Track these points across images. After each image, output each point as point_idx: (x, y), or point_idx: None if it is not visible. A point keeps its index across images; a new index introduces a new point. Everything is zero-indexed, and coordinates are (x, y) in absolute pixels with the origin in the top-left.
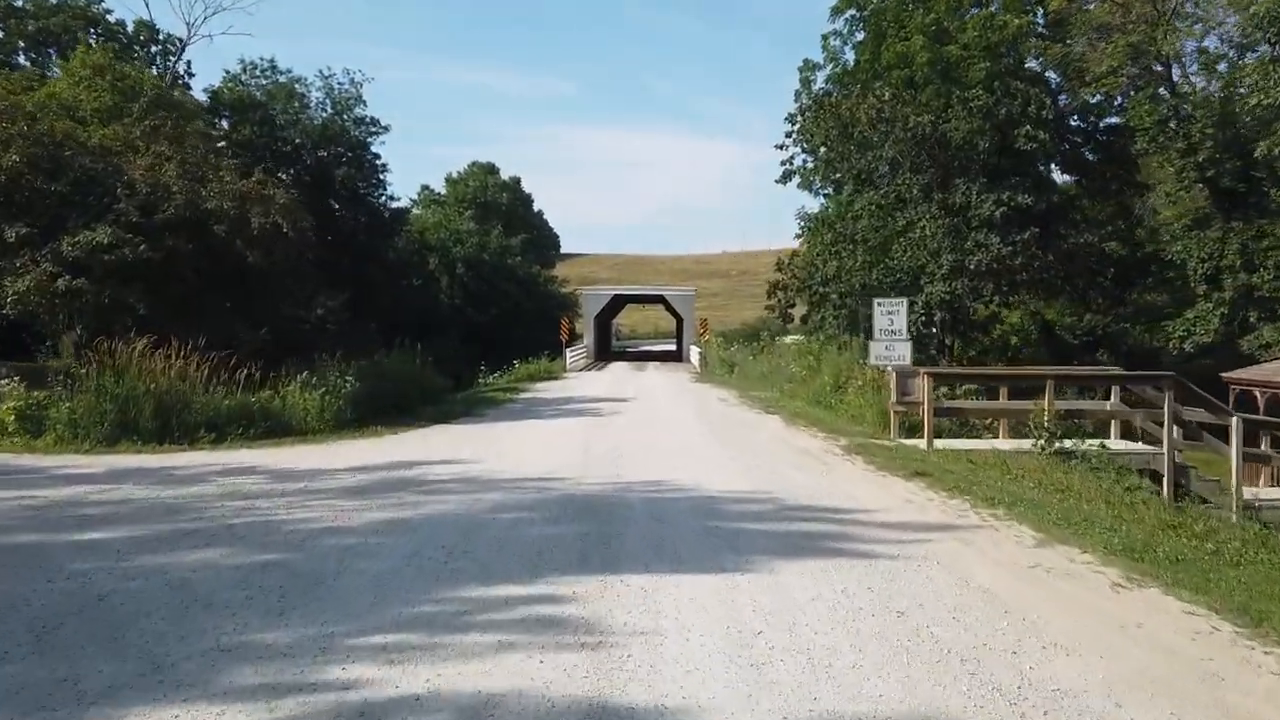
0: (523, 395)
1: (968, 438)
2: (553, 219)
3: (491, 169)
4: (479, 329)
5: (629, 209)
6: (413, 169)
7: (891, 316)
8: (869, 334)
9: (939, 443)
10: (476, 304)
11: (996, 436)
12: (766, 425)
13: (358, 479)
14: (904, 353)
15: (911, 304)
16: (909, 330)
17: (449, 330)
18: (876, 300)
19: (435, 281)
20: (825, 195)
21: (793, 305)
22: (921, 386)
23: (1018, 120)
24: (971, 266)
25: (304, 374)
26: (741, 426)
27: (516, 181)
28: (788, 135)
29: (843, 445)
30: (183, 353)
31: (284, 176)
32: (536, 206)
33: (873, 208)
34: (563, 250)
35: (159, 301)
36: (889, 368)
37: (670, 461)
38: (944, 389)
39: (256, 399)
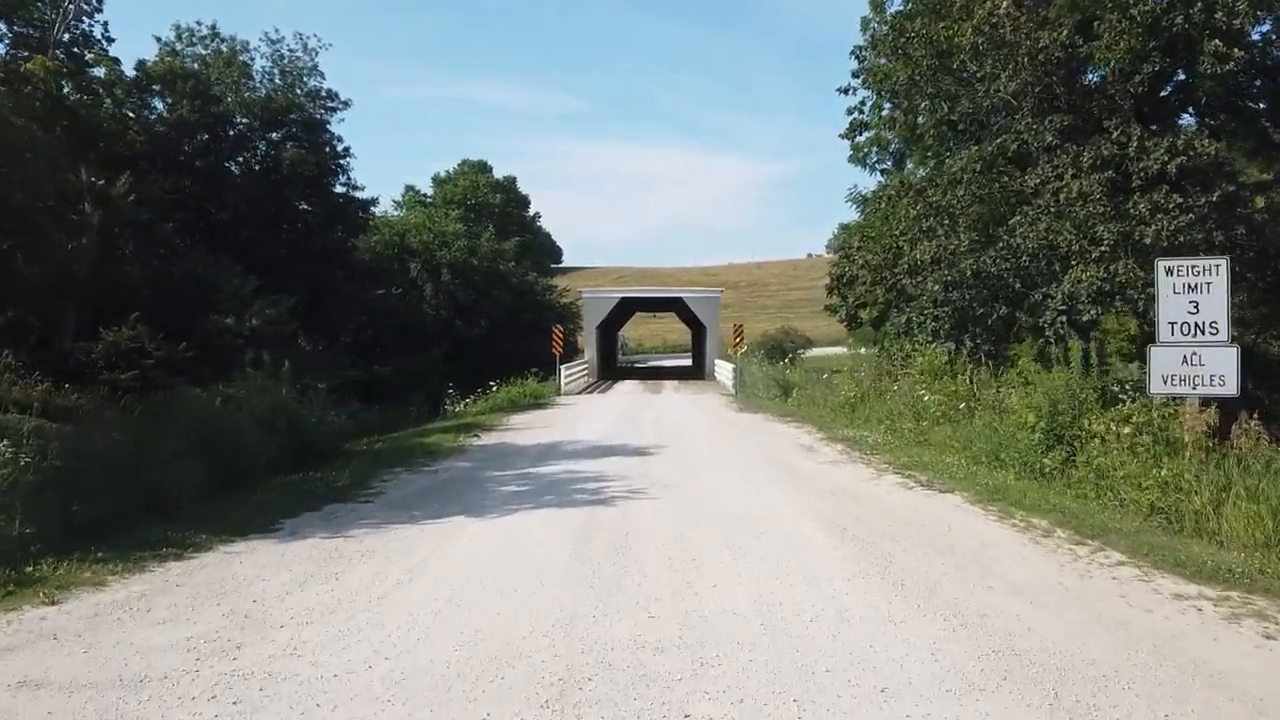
0: (481, 440)
1: None
2: (557, 234)
3: (483, 167)
4: (469, 343)
5: (634, 224)
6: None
7: (1194, 297)
8: (976, 338)
9: None
10: (465, 315)
11: None
12: (983, 539)
13: None
14: (1225, 371)
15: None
16: (1230, 323)
17: (434, 344)
18: (1163, 264)
19: (418, 289)
20: (883, 172)
21: (863, 305)
22: None
23: (1197, 36)
24: (1148, 240)
25: None
26: (938, 548)
27: (511, 181)
28: (855, 75)
29: None
30: None
31: (232, 166)
32: (533, 210)
33: (978, 166)
34: (567, 263)
35: None
36: (1197, 401)
37: None
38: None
39: None
